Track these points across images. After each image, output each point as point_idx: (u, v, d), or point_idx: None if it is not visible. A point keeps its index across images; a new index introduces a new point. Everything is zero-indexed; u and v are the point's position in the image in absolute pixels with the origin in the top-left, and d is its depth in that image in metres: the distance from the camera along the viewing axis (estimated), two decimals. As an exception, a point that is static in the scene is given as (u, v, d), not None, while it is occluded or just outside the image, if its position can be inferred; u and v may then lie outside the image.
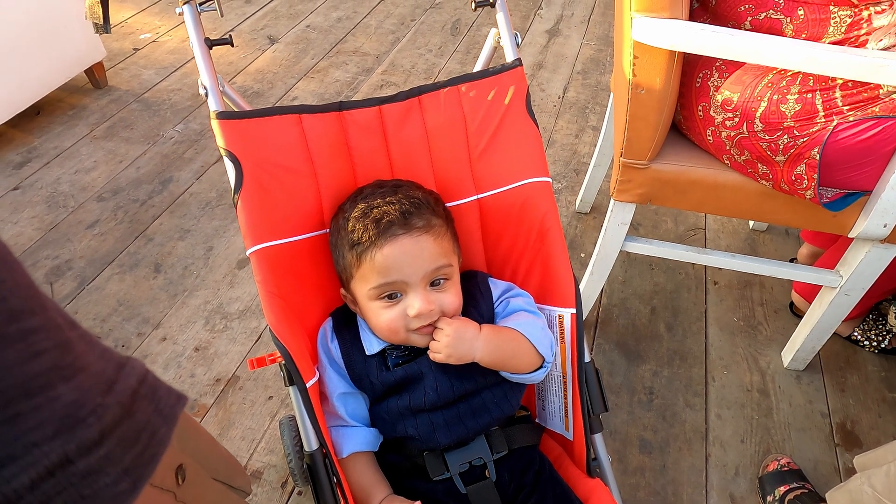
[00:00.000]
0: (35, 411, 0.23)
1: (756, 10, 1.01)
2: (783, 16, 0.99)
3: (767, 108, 0.98)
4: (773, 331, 1.49)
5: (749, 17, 1.02)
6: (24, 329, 0.24)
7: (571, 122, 2.13)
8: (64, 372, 0.24)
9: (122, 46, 2.41)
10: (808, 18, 0.97)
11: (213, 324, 1.45)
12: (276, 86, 2.25)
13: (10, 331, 0.23)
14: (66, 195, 1.77)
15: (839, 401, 1.36)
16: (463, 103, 0.89)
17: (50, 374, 0.24)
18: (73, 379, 0.25)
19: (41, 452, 0.22)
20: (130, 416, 0.27)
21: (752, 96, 0.99)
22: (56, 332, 0.25)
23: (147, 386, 0.29)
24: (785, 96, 0.97)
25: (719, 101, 1.02)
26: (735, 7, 1.03)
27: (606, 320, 1.50)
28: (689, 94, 1.08)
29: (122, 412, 0.26)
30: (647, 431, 1.29)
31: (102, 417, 0.25)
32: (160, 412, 0.29)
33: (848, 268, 1.18)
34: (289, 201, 0.82)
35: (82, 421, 0.24)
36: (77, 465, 0.23)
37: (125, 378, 0.28)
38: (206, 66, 0.81)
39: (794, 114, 0.96)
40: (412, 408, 0.79)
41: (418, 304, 0.76)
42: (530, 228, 0.90)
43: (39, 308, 0.25)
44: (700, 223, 1.77)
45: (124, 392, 0.27)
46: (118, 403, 0.26)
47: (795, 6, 0.98)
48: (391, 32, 2.59)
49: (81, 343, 0.27)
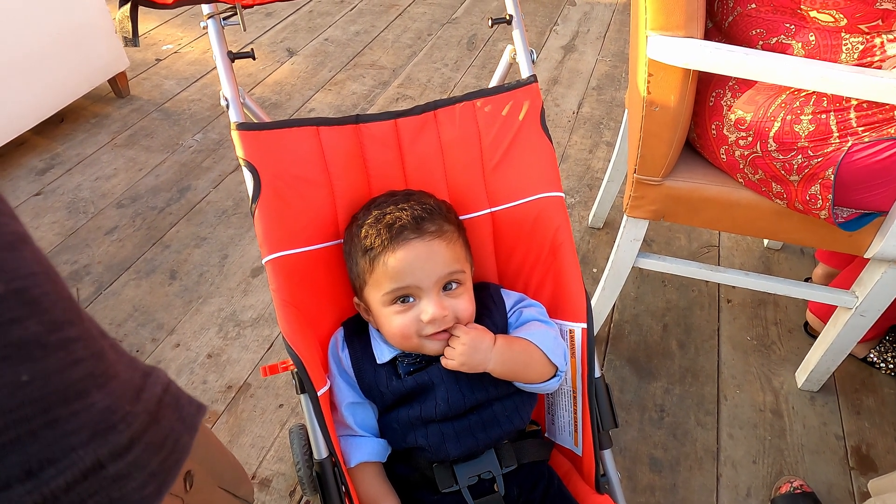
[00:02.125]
0: (72, 417, 0.24)
1: (767, 35, 1.01)
2: (794, 41, 0.99)
3: (781, 128, 0.98)
4: (787, 350, 1.48)
5: (760, 42, 1.02)
6: (64, 338, 0.25)
7: (585, 137, 2.14)
8: (98, 380, 0.25)
9: (144, 57, 2.46)
10: (820, 44, 0.97)
11: (226, 331, 1.46)
12: (294, 97, 2.28)
13: (52, 340, 0.24)
14: (87, 201, 1.80)
15: (854, 423, 1.34)
16: (478, 118, 0.90)
17: (86, 382, 0.25)
18: (106, 386, 0.26)
19: (77, 456, 0.23)
20: (156, 423, 0.28)
21: (765, 116, 0.99)
22: (91, 341, 0.26)
23: (170, 395, 0.30)
24: (798, 116, 0.97)
25: (732, 120, 1.03)
26: (746, 31, 1.04)
27: (618, 336, 1.49)
28: (702, 112, 1.09)
29: (149, 419, 0.27)
30: (658, 450, 1.28)
31: (132, 424, 0.26)
32: (183, 420, 0.30)
33: (864, 288, 1.16)
34: (305, 211, 0.83)
35: (114, 427, 0.25)
36: (108, 470, 0.24)
37: (151, 386, 0.29)
38: (228, 78, 0.83)
39: (809, 134, 0.96)
40: (423, 418, 0.79)
41: (432, 308, 0.76)
42: (543, 243, 0.90)
43: (77, 319, 0.26)
44: (714, 241, 1.76)
45: (151, 400, 0.28)
46: (146, 411, 0.27)
47: (807, 32, 0.98)
48: (408, 46, 2.62)
49: (112, 352, 0.28)
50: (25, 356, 0.23)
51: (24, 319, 0.23)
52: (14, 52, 1.76)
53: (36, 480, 0.22)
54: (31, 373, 0.23)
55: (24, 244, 0.25)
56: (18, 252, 0.24)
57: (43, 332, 0.24)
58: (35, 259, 0.25)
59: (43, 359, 0.23)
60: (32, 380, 0.23)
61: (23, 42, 1.77)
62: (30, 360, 0.23)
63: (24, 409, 0.22)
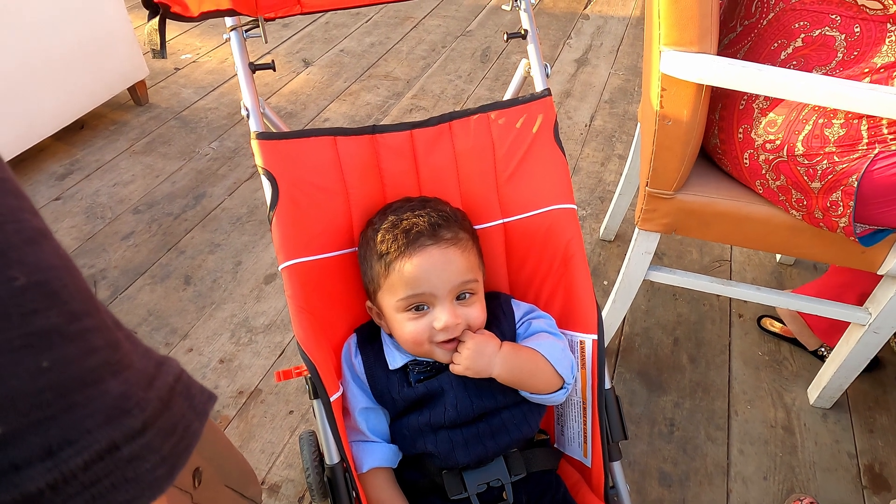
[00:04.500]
0: (89, 402, 0.25)
1: (811, 27, 1.00)
2: (839, 33, 0.97)
3: (811, 131, 0.97)
4: (799, 366, 1.47)
5: (802, 34, 1.01)
6: (82, 328, 0.26)
7: (598, 150, 2.15)
8: (113, 368, 0.27)
9: (163, 66, 2.51)
10: (864, 35, 0.96)
11: (238, 337, 1.48)
12: (309, 107, 2.31)
13: (70, 329, 0.25)
14: (104, 207, 1.83)
15: (867, 442, 1.33)
16: (492, 130, 0.91)
17: (102, 370, 0.26)
18: (120, 374, 0.27)
19: (93, 438, 0.25)
20: (168, 409, 0.29)
21: (797, 119, 0.98)
22: (107, 332, 0.28)
23: (182, 383, 0.31)
24: (831, 120, 0.96)
25: (763, 123, 1.02)
26: (788, 25, 1.02)
27: (628, 349, 1.49)
28: (730, 117, 1.08)
29: (161, 406, 0.28)
30: (667, 464, 1.27)
31: (145, 409, 0.27)
32: (193, 408, 0.31)
33: (877, 305, 1.16)
34: (321, 219, 0.85)
35: (128, 412, 0.26)
36: (123, 451, 0.26)
37: (164, 375, 0.30)
38: (248, 88, 0.85)
39: (838, 139, 0.95)
40: (432, 424, 0.80)
41: (445, 317, 0.77)
42: (554, 254, 0.91)
43: (94, 310, 0.28)
44: (726, 255, 1.76)
45: (163, 387, 0.29)
46: (158, 398, 0.28)
47: (853, 23, 0.97)
48: (422, 58, 2.65)
49: (127, 342, 0.29)
50: (46, 344, 0.24)
51: (46, 310, 0.24)
52: (37, 61, 1.80)
53: (55, 459, 0.24)
54: (51, 360, 0.24)
55: (45, 239, 0.26)
56: (39, 246, 0.25)
57: (62, 322, 0.25)
58: (55, 253, 0.26)
59: (62, 347, 0.25)
60: (52, 366, 0.24)
61: (45, 51, 1.81)
62: (50, 348, 0.24)
63: (45, 393, 0.23)
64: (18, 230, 0.25)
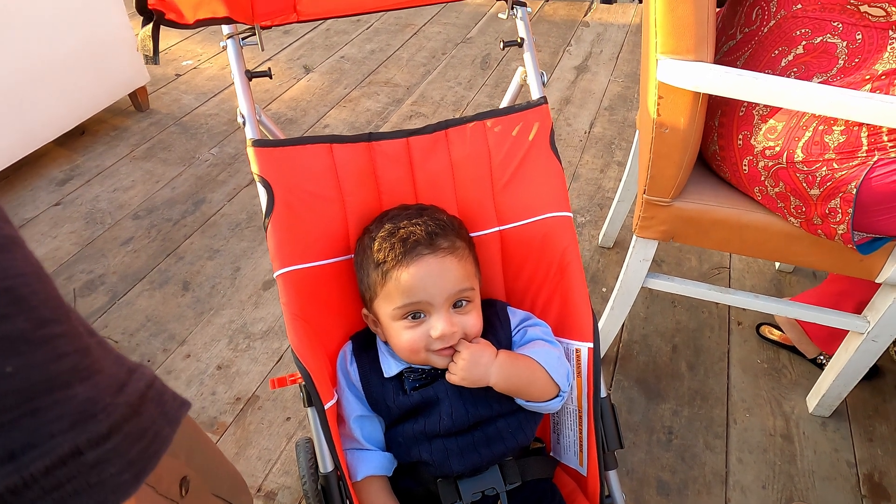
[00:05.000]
0: (54, 406, 0.25)
1: (812, 35, 1.00)
2: (840, 40, 0.97)
3: (811, 138, 0.97)
4: (798, 375, 1.46)
5: (804, 42, 1.00)
6: (49, 335, 0.26)
7: (597, 157, 2.15)
8: (82, 374, 0.27)
9: (164, 72, 2.52)
10: (866, 42, 0.96)
11: (236, 343, 1.48)
12: (309, 113, 2.32)
13: (37, 335, 0.26)
14: (104, 212, 1.84)
15: (867, 451, 1.32)
16: (488, 137, 0.91)
17: (69, 375, 0.26)
18: (89, 380, 0.27)
19: (56, 443, 0.25)
20: (137, 415, 0.29)
21: (797, 125, 0.98)
22: (77, 338, 0.28)
23: (154, 390, 0.31)
24: (831, 127, 0.96)
25: (763, 129, 1.02)
26: (790, 33, 1.02)
27: (627, 356, 1.49)
28: (730, 123, 1.08)
29: (130, 411, 0.29)
30: (665, 472, 1.27)
31: (112, 414, 0.28)
32: (165, 414, 0.31)
33: (875, 313, 1.16)
34: (316, 226, 0.85)
35: (94, 417, 0.27)
36: (87, 456, 0.26)
37: (135, 382, 0.30)
38: (245, 96, 0.85)
39: (838, 145, 0.95)
40: (427, 433, 0.80)
41: (441, 325, 0.77)
42: (550, 262, 0.91)
43: (64, 317, 0.28)
44: (725, 262, 1.76)
45: (133, 394, 0.30)
46: (127, 403, 0.29)
47: (855, 30, 0.97)
48: (422, 65, 2.66)
49: (98, 349, 0.30)
50: (11, 350, 0.24)
51: (12, 316, 0.25)
52: (39, 66, 1.81)
53: (17, 463, 0.24)
54: (15, 365, 0.24)
55: (16, 246, 0.27)
56: (10, 254, 0.26)
57: (29, 328, 0.25)
58: (26, 261, 0.27)
59: (28, 353, 0.25)
60: (17, 372, 0.24)
61: (48, 56, 1.82)
62: (15, 353, 0.24)
63: (8, 398, 0.24)
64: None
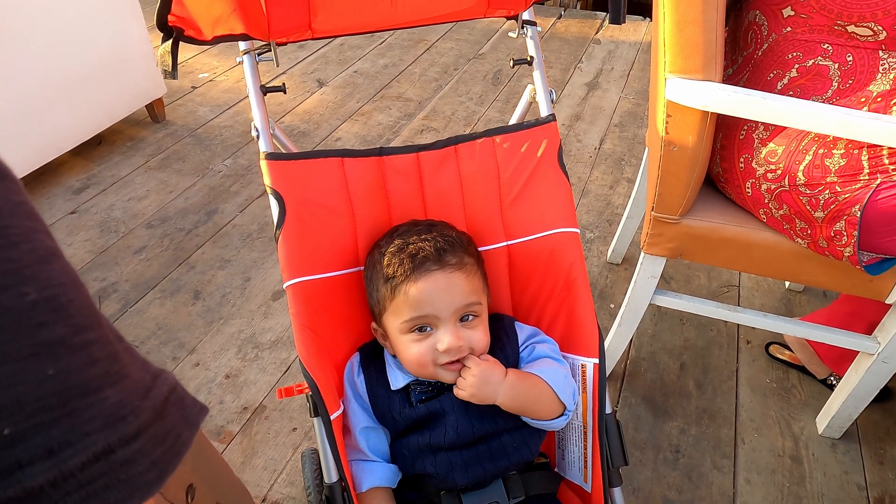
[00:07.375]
0: (88, 408, 0.27)
1: (804, 58, 1.00)
2: (832, 62, 0.98)
3: (812, 161, 0.97)
4: (808, 395, 1.45)
5: (797, 65, 1.01)
6: (85, 341, 0.28)
7: (606, 173, 2.16)
8: (112, 378, 0.29)
9: (181, 84, 2.56)
10: (857, 63, 0.97)
11: (244, 352, 1.49)
12: (322, 126, 2.35)
13: (75, 341, 0.28)
14: (118, 221, 1.87)
15: (877, 474, 1.30)
16: (497, 154, 0.92)
17: (101, 379, 0.28)
18: (118, 384, 0.29)
19: (91, 441, 0.27)
20: (161, 418, 0.31)
21: (797, 149, 0.99)
22: (108, 344, 0.30)
23: (176, 395, 0.33)
24: (831, 150, 0.96)
25: (763, 153, 1.03)
26: (783, 56, 1.03)
27: (634, 373, 1.48)
28: (731, 146, 1.09)
29: (154, 414, 0.30)
30: (672, 491, 1.25)
31: (139, 417, 0.29)
32: (185, 418, 0.33)
33: (886, 334, 1.15)
34: (326, 239, 0.86)
35: (123, 418, 0.28)
36: (117, 454, 0.28)
37: (159, 386, 0.32)
38: (259, 110, 0.87)
39: (839, 169, 0.95)
40: (432, 445, 0.80)
41: (448, 338, 0.78)
42: (557, 277, 0.91)
43: (97, 324, 0.30)
44: (734, 280, 1.75)
45: (158, 397, 0.31)
46: (152, 407, 0.31)
47: (845, 52, 0.97)
48: (434, 80, 2.69)
49: (126, 354, 0.31)
50: (52, 354, 0.26)
51: (53, 323, 0.27)
52: (58, 77, 1.85)
53: (55, 459, 0.26)
54: (56, 369, 0.26)
55: (56, 258, 0.29)
56: (50, 265, 0.28)
57: (68, 334, 0.27)
58: (64, 271, 0.29)
59: (66, 357, 0.27)
60: (56, 375, 0.26)
61: (67, 68, 1.87)
62: (55, 358, 0.26)
63: (49, 399, 0.26)
64: (32, 250, 0.27)
